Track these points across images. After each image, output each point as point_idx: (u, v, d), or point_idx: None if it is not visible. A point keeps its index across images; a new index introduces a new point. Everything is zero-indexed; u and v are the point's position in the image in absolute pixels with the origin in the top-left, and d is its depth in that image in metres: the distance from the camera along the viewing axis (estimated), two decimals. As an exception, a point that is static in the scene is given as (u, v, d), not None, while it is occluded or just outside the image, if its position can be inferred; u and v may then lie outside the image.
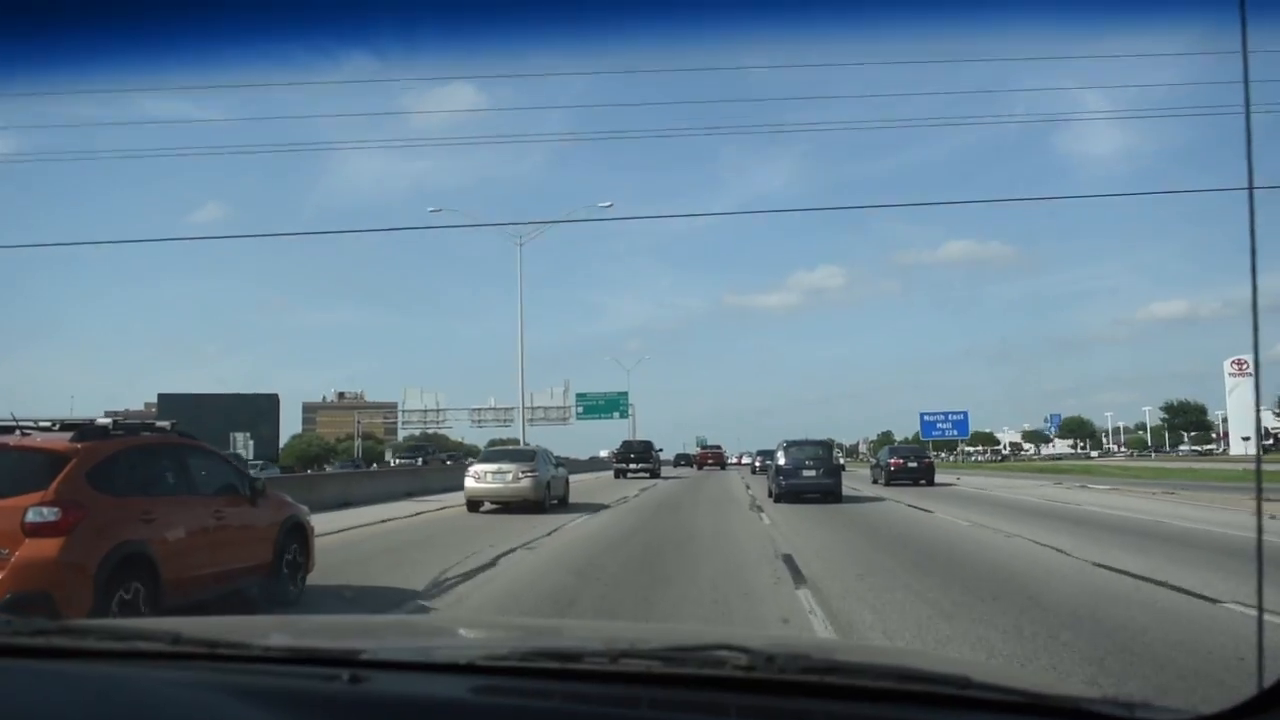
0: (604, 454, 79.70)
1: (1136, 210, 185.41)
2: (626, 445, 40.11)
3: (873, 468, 32.58)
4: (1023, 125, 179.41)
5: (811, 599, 7.26)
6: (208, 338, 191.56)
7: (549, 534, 12.94)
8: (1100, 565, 9.21)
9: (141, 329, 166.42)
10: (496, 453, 19.01)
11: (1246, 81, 1.15)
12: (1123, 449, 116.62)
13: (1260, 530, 1.42)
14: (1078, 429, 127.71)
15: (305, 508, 8.27)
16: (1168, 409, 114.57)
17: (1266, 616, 1.43)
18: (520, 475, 16.62)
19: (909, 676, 1.33)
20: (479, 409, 68.42)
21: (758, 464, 46.08)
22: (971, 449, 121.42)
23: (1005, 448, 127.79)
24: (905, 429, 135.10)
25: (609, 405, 66.90)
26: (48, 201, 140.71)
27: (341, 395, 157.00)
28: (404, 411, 67.93)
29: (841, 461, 24.42)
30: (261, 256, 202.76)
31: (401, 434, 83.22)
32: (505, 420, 65.28)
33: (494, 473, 16.82)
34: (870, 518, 16.20)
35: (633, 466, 37.05)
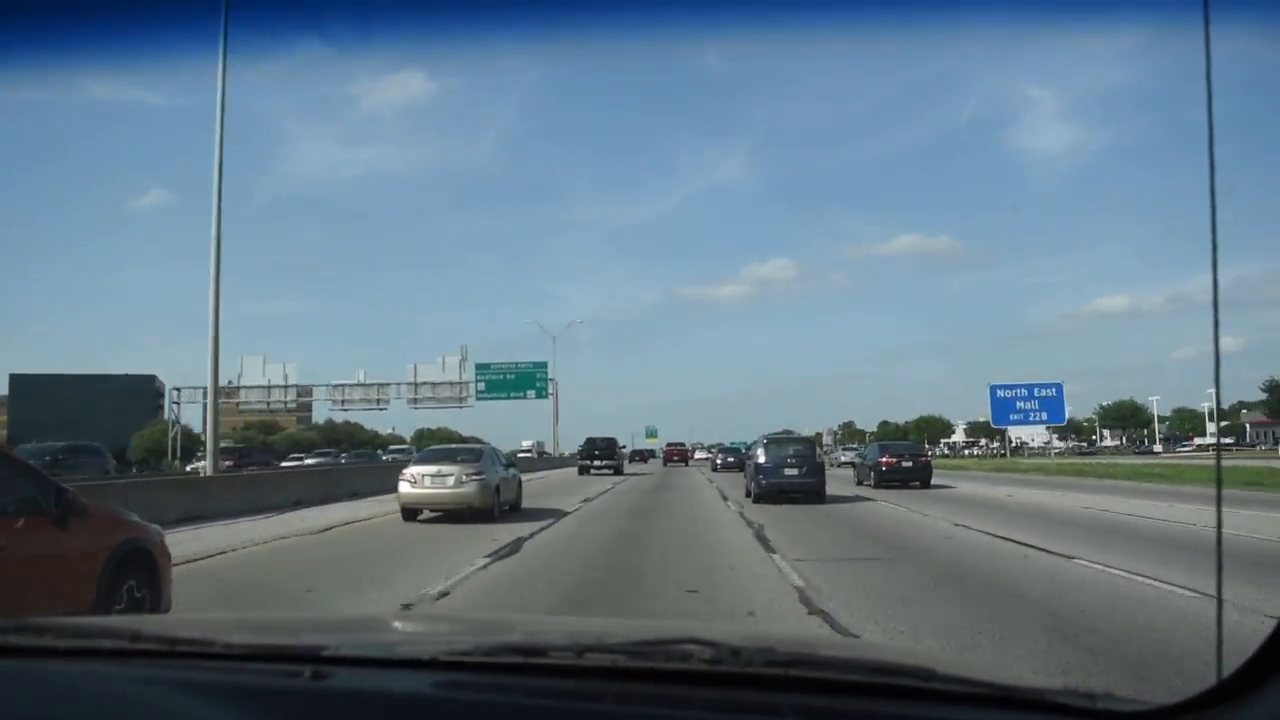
0: (525, 445, 74.84)
1: (1083, 206, 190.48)
2: (590, 442, 41.41)
3: (857, 466, 29.18)
4: (973, 120, 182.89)
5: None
6: (151, 328, 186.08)
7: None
8: None
9: (86, 318, 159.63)
10: (436, 452, 16.79)
11: (1209, 84, 1.15)
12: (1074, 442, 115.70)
13: (1220, 521, 1.36)
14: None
15: (156, 528, 6.26)
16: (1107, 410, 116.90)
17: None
18: (465, 478, 14.54)
19: (874, 669, 1.36)
20: (341, 385, 55.59)
21: (718, 461, 44.44)
22: (952, 443, 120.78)
23: (959, 441, 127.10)
24: (866, 421, 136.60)
25: (521, 381, 54.27)
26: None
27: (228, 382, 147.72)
28: (243, 388, 54.20)
29: (824, 459, 23.00)
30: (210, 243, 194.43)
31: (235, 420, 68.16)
32: (378, 401, 54.73)
33: (433, 476, 14.70)
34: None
35: (597, 463, 38.95)
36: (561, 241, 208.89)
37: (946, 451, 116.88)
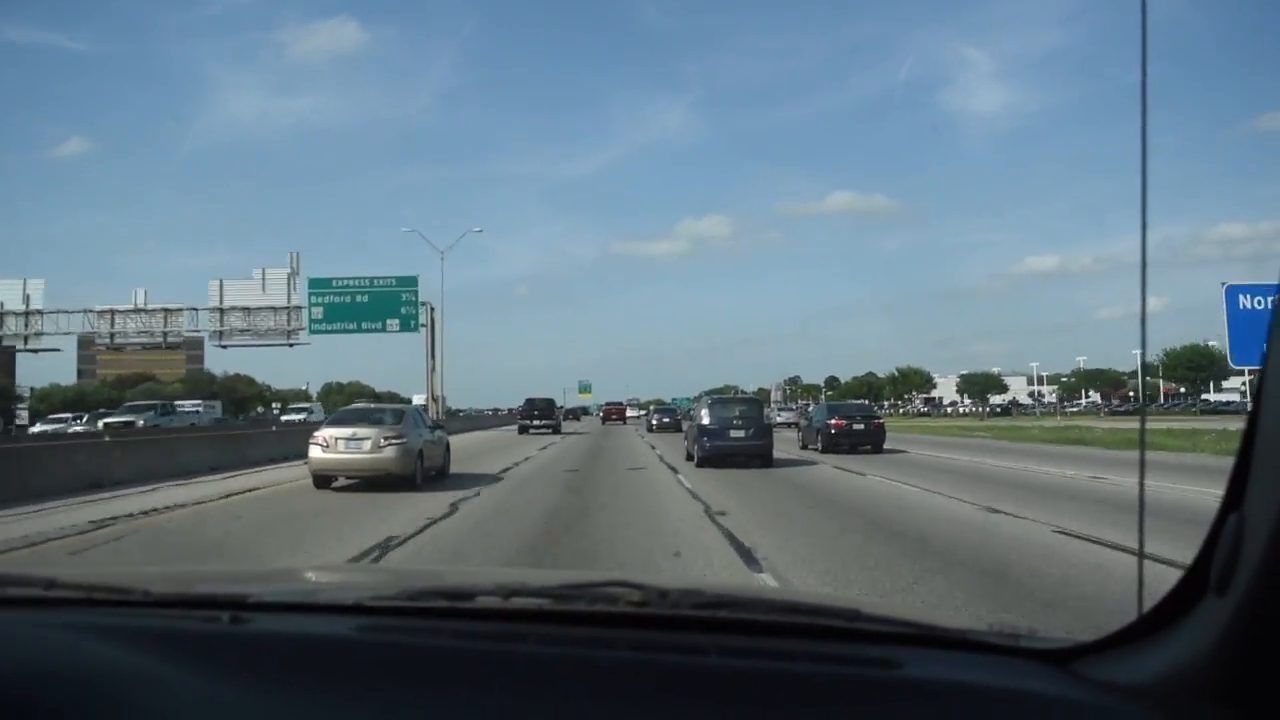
0: (417, 400, 49.12)
1: (1014, 167, 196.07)
2: (530, 403, 43.20)
3: (803, 428, 27.56)
4: (910, 81, 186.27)
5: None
6: (71, 280, 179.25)
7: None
8: None
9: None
10: (351, 413, 15.97)
11: (1144, 48, 1.13)
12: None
13: (1142, 467, 1.65)
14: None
15: None
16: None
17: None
18: (384, 442, 13.85)
19: (799, 610, 1.45)
20: (107, 312, 40.06)
21: (654, 422, 44.82)
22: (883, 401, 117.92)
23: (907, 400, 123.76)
24: (809, 378, 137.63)
25: (378, 306, 39.26)
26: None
27: (164, 340, 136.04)
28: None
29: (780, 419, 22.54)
30: (138, 195, 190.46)
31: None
32: (165, 337, 40.86)
33: (347, 440, 13.93)
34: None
35: (536, 423, 41.12)
36: (497, 195, 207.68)
37: (923, 409, 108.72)
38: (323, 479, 14.16)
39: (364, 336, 40.67)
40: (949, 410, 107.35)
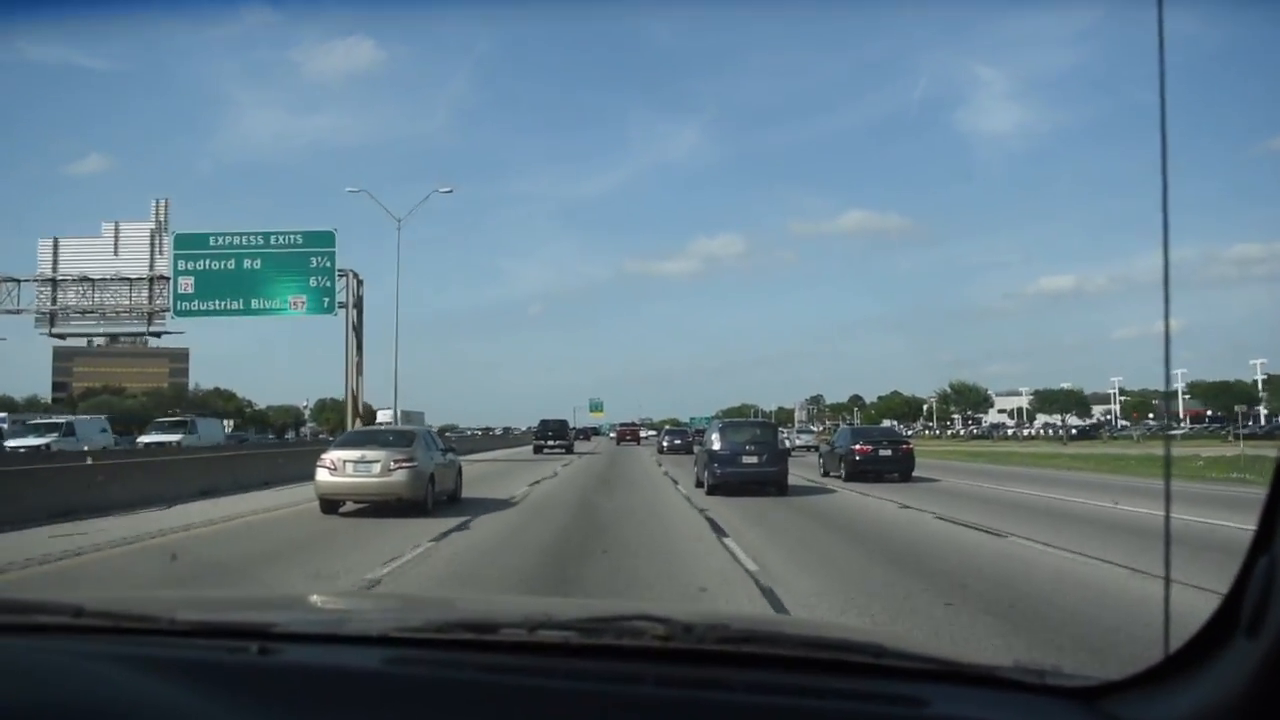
0: (383, 416, 42.39)
1: (1029, 186, 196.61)
2: (544, 424, 47.20)
3: (824, 454, 26.26)
4: (924, 100, 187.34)
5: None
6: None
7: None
8: None
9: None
10: (360, 435, 15.89)
11: (1162, 65, 1.19)
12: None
13: (1168, 496, 1.47)
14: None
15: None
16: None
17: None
18: (393, 465, 13.83)
19: (825, 645, 1.45)
20: None
21: (665, 443, 45.09)
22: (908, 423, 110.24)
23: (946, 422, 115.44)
24: (831, 397, 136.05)
25: (278, 274, 28.56)
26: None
27: (114, 339, 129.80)
28: None
29: (787, 445, 22.15)
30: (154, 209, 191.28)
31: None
32: None
33: (355, 463, 13.92)
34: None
35: (550, 443, 44.89)
36: (511, 214, 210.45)
37: (973, 430, 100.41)
38: (330, 503, 14.11)
39: (271, 322, 31.30)
40: (1011, 432, 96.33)
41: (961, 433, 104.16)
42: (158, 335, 32.23)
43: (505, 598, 5.88)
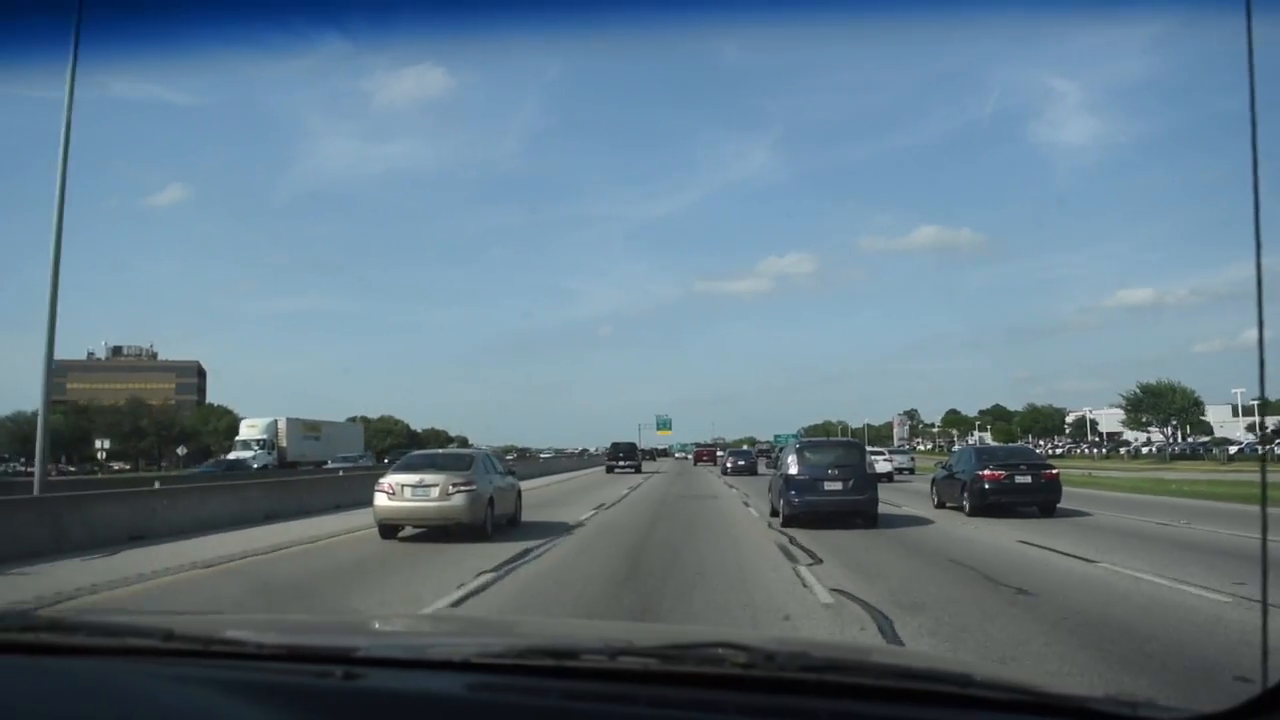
0: (248, 427, 55.91)
1: (1105, 198, 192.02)
2: (615, 446, 53.17)
3: (938, 481, 21.62)
4: (996, 113, 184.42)
5: None
6: (167, 324, 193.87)
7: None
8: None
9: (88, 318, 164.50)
10: (418, 458, 15.70)
11: (1251, 71, 1.19)
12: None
13: (1264, 519, 1.41)
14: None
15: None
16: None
17: None
18: (451, 489, 13.74)
19: (910, 675, 1.41)
20: None
21: (729, 465, 46.93)
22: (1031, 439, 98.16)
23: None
24: (879, 415, 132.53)
25: None
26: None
27: (118, 350, 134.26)
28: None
29: (877, 469, 20.60)
30: (232, 238, 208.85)
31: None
32: None
33: (413, 486, 13.85)
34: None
35: (621, 463, 50.57)
36: (581, 236, 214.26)
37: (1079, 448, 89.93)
38: (389, 528, 14.14)
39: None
40: (1135, 450, 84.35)
41: (1076, 450, 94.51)
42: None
43: (583, 622, 5.95)
